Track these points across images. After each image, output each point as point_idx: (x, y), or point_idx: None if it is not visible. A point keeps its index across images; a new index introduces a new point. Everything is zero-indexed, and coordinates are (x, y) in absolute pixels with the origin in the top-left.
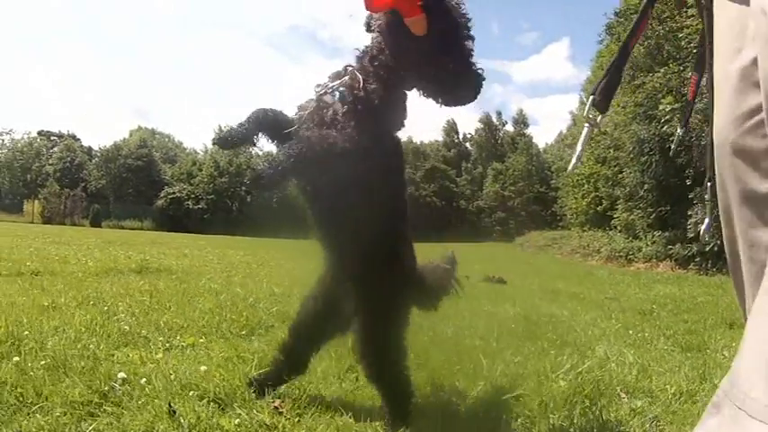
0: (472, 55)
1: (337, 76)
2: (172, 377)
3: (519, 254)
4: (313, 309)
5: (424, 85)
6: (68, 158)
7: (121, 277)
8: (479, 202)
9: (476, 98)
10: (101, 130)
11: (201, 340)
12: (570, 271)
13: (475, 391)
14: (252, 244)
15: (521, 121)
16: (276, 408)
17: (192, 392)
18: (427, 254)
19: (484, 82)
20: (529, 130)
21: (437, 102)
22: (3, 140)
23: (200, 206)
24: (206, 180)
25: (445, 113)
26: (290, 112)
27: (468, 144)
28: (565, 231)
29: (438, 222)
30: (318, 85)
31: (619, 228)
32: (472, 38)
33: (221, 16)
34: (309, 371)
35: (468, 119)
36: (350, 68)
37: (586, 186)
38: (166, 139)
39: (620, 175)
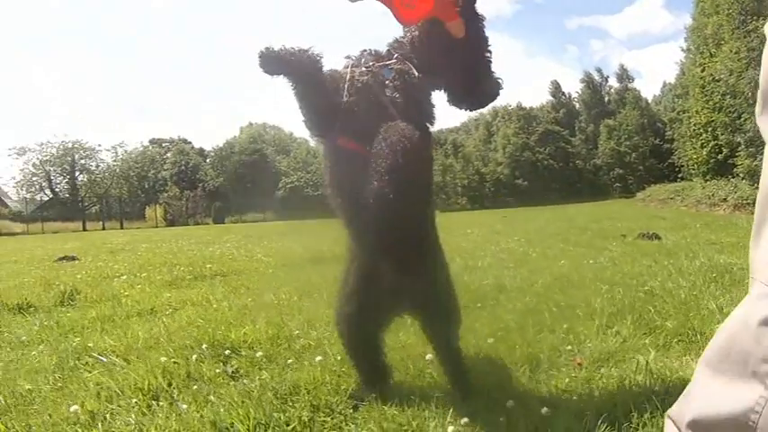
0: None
1: (379, 56)
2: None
3: (644, 209)
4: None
5: (452, 87)
6: (182, 162)
7: (305, 269)
8: (596, 161)
9: (488, 105)
10: (209, 132)
11: None
12: (707, 221)
13: None
14: None
15: (624, 76)
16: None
17: None
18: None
19: (501, 90)
20: (633, 84)
21: (459, 105)
22: (116, 153)
23: (319, 192)
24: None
25: (548, 76)
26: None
27: (576, 103)
28: (686, 183)
29: (558, 184)
30: (350, 58)
31: (742, 175)
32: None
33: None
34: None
35: (570, 77)
36: (395, 54)
37: (704, 135)
38: (279, 132)
39: (737, 121)
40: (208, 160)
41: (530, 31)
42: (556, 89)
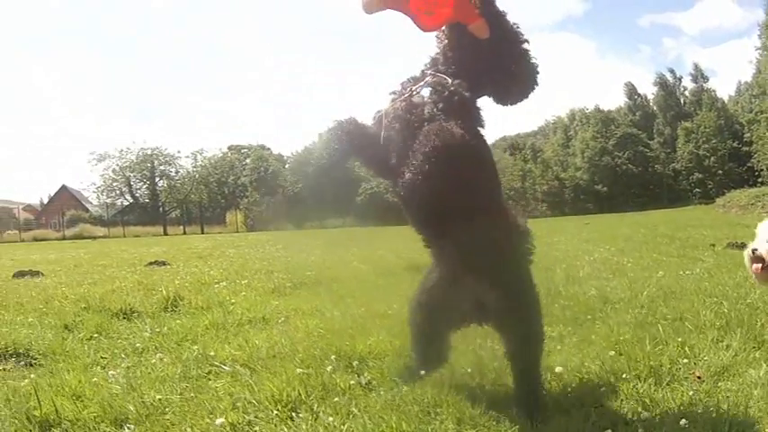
0: (529, 56)
1: (415, 81)
2: None
3: (725, 215)
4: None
5: (488, 87)
6: (262, 168)
7: (403, 277)
8: (675, 165)
9: (528, 96)
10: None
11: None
12: None
13: None
14: None
15: (699, 76)
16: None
17: None
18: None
19: (538, 80)
20: (708, 84)
21: (497, 101)
22: (196, 160)
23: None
24: None
25: (620, 77)
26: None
27: (652, 105)
28: (766, 188)
29: (637, 190)
30: (394, 93)
31: None
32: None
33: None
34: None
35: (644, 78)
36: (429, 72)
37: None
38: None
39: None
40: (287, 166)
41: (601, 31)
42: (631, 91)
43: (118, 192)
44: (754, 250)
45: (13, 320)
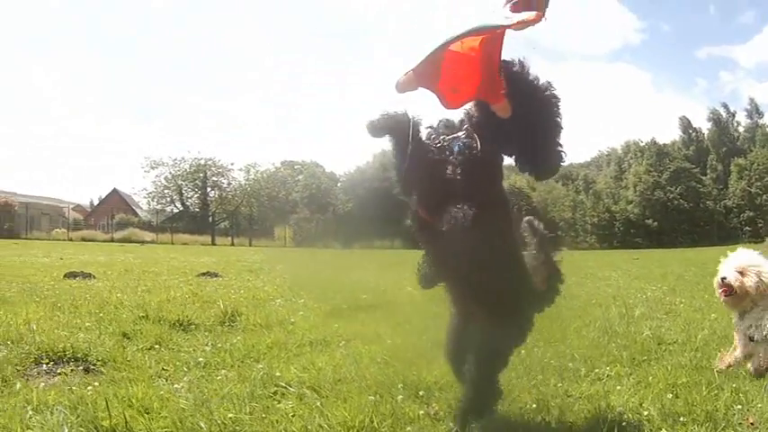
0: (558, 135)
1: (452, 128)
2: None
3: None
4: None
5: (514, 156)
6: (314, 185)
7: None
8: (727, 202)
9: (555, 174)
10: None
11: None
12: None
13: None
14: None
15: (754, 111)
16: None
17: None
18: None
19: (563, 163)
20: (763, 119)
21: (524, 171)
22: (249, 173)
23: None
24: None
25: (676, 110)
26: None
27: (707, 140)
28: None
29: (687, 225)
30: (431, 128)
31: None
32: (560, 116)
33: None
34: None
35: (698, 113)
36: (465, 125)
37: None
38: None
39: None
40: (339, 184)
41: (658, 62)
42: (686, 125)
43: (168, 199)
44: (723, 278)
45: (69, 323)
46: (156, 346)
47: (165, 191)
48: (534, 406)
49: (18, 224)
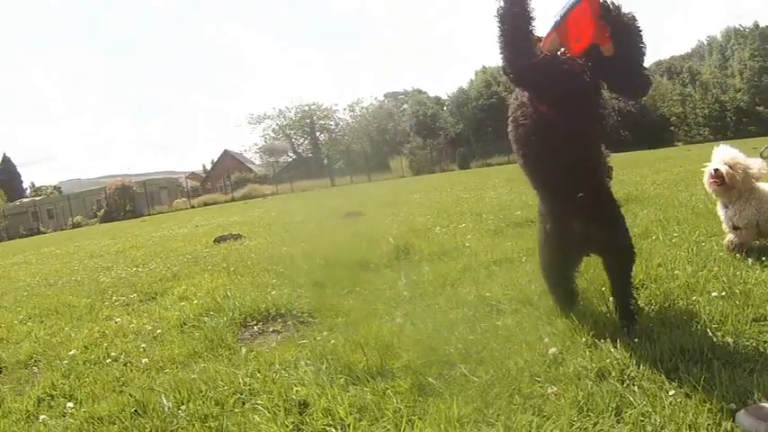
0: (643, 60)
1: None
2: None
3: None
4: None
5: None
6: (420, 112)
7: None
8: None
9: (645, 95)
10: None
11: None
12: None
13: None
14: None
15: None
16: None
17: None
18: None
19: (651, 84)
20: None
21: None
22: (354, 110)
23: None
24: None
25: None
26: None
27: None
28: None
29: None
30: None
31: None
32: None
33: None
34: None
35: None
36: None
37: None
38: None
39: None
40: (445, 108)
41: None
42: None
43: (280, 149)
44: (716, 170)
45: (254, 283)
46: (357, 289)
47: (276, 143)
48: None
49: (139, 203)
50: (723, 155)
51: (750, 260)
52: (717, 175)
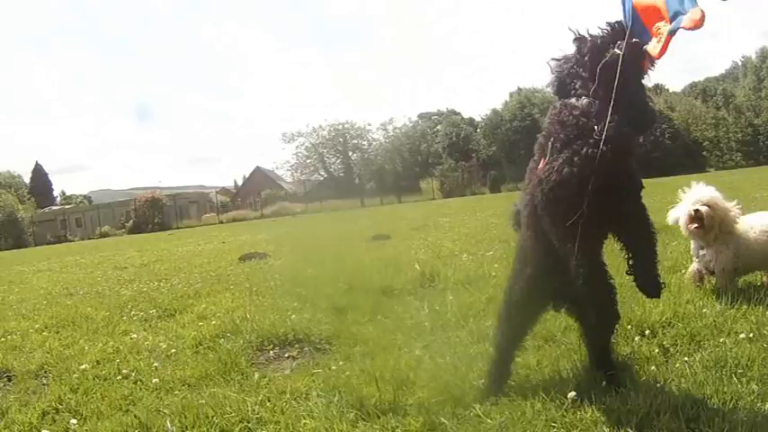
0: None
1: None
2: None
3: None
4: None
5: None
6: (453, 133)
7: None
8: None
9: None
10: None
11: None
12: None
13: None
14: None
15: None
16: None
17: None
18: None
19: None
20: None
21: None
22: (386, 130)
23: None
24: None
25: None
26: None
27: None
28: None
29: None
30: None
31: None
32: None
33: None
34: None
35: None
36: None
37: None
38: (545, 94)
39: None
40: (478, 130)
41: None
42: None
43: (312, 168)
44: (696, 211)
45: (274, 306)
46: (378, 317)
47: (308, 160)
48: None
49: (168, 216)
50: (699, 195)
51: None
52: (697, 216)
